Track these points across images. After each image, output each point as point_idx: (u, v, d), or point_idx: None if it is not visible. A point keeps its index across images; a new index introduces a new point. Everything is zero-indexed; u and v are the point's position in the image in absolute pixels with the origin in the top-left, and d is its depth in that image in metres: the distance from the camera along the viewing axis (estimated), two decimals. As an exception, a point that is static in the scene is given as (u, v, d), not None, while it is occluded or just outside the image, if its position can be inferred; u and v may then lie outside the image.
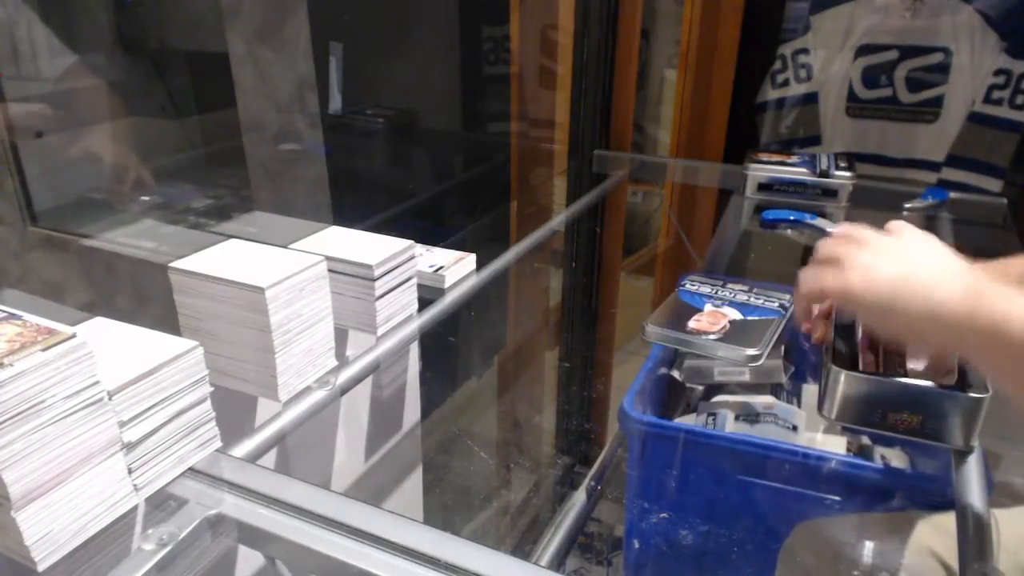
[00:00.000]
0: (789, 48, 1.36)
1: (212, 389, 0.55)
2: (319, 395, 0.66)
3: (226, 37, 1.35)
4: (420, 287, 0.80)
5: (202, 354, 0.54)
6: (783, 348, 1.05)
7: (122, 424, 0.49)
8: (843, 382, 0.57)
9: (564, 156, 1.44)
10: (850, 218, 1.13)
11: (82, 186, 1.58)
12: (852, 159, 1.18)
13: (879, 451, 1.07)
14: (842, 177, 1.13)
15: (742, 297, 0.81)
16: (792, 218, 1.10)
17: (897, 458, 1.07)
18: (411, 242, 0.76)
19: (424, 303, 0.80)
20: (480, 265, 0.90)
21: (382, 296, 0.73)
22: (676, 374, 1.07)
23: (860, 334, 0.62)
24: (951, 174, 1.29)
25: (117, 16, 1.59)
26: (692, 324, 0.75)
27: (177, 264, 0.64)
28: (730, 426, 0.98)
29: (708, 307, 0.78)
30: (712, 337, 0.73)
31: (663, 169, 1.47)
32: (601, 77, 1.36)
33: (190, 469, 0.55)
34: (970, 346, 0.50)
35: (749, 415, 0.99)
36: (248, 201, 1.49)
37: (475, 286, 0.87)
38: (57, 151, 1.52)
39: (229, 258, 0.65)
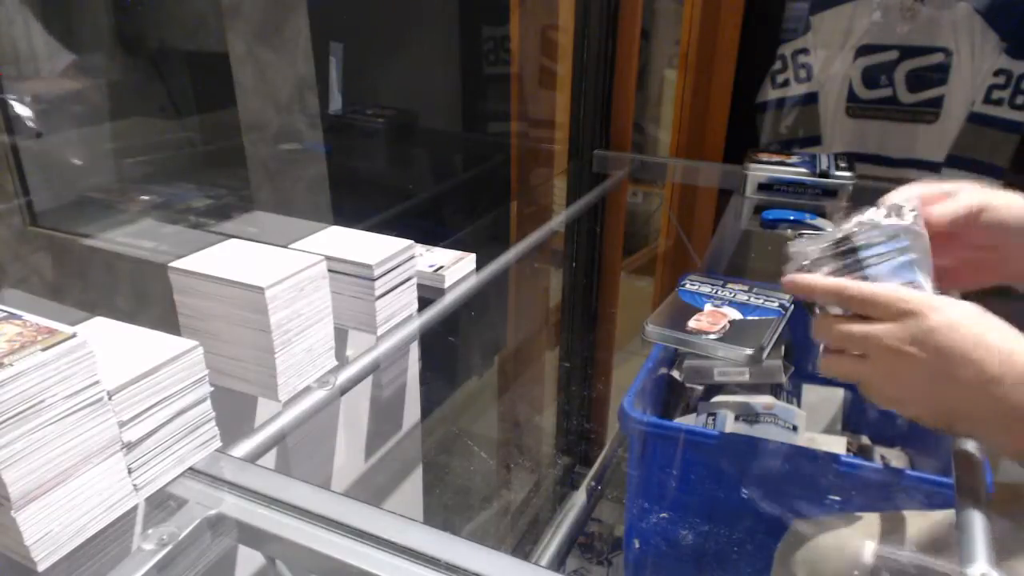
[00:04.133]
0: (789, 48, 1.35)
1: (212, 389, 0.55)
2: (319, 395, 0.66)
3: (226, 37, 1.35)
4: (420, 287, 0.80)
5: (202, 354, 0.54)
6: (783, 348, 1.05)
7: (122, 424, 0.49)
8: None
9: (564, 156, 1.44)
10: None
11: (82, 186, 1.58)
12: (852, 159, 1.18)
13: (879, 451, 1.07)
14: (842, 177, 1.13)
15: (742, 297, 0.81)
16: (792, 218, 1.10)
17: (897, 458, 1.07)
18: (411, 242, 0.76)
19: (424, 303, 0.80)
20: (480, 265, 0.90)
21: (382, 296, 0.73)
22: (676, 374, 1.07)
23: None
24: (951, 174, 1.29)
25: (117, 16, 1.59)
26: (692, 324, 0.75)
27: (177, 264, 0.64)
28: (730, 426, 0.98)
29: (708, 307, 0.78)
30: (712, 337, 0.73)
31: (663, 169, 1.47)
32: (601, 77, 1.36)
33: (190, 469, 0.55)
34: None
35: (749, 415, 0.99)
36: (248, 201, 1.49)
37: (475, 286, 0.87)
38: (57, 151, 1.52)
39: (229, 258, 0.65)
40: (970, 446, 0.61)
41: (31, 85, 1.47)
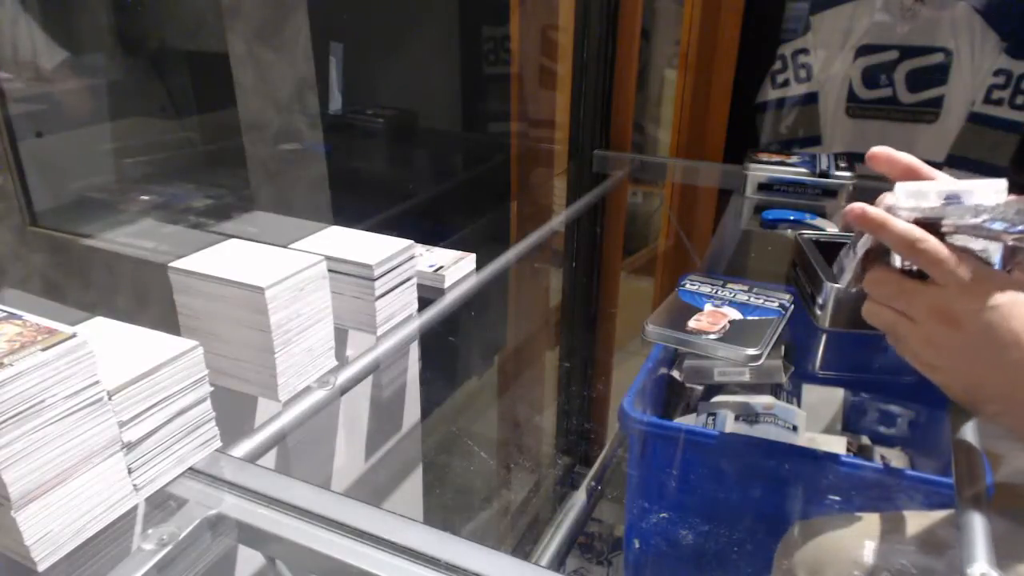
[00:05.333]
0: (789, 48, 1.35)
1: (212, 389, 0.55)
2: (319, 395, 0.66)
3: (226, 37, 1.35)
4: (420, 287, 0.80)
5: (202, 354, 0.54)
6: (783, 348, 1.05)
7: (122, 424, 0.49)
8: (834, 295, 0.67)
9: (564, 156, 1.44)
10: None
11: (82, 186, 1.58)
12: (852, 159, 1.18)
13: (879, 451, 1.07)
14: (842, 177, 1.13)
15: (742, 297, 0.81)
16: (792, 218, 1.10)
17: (897, 458, 1.07)
18: (411, 242, 0.76)
19: (424, 303, 0.80)
20: (480, 265, 0.89)
21: (382, 296, 0.73)
22: (676, 374, 1.07)
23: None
24: (952, 174, 1.29)
25: (117, 16, 1.59)
26: (692, 324, 0.75)
27: (177, 264, 0.64)
28: (730, 426, 0.98)
29: (708, 307, 0.78)
30: (712, 337, 0.73)
31: (663, 169, 1.47)
32: (601, 77, 1.36)
33: (190, 469, 0.55)
34: None
35: (749, 415, 0.99)
36: (248, 201, 1.49)
37: (475, 286, 0.87)
38: (57, 151, 1.52)
39: (229, 258, 0.65)
40: (970, 444, 0.60)
41: (31, 85, 1.47)
